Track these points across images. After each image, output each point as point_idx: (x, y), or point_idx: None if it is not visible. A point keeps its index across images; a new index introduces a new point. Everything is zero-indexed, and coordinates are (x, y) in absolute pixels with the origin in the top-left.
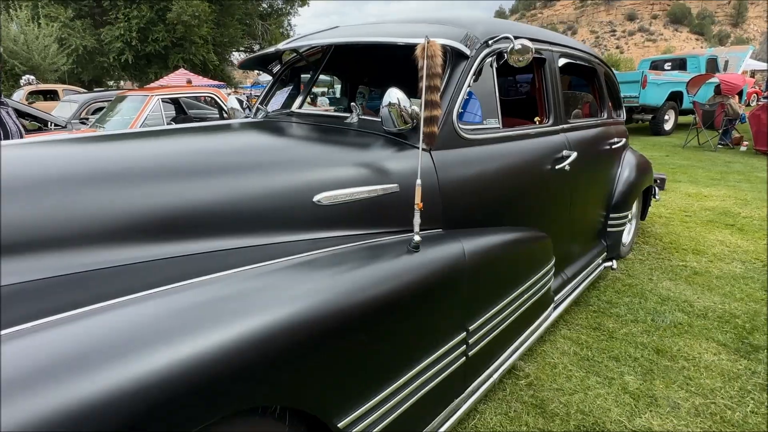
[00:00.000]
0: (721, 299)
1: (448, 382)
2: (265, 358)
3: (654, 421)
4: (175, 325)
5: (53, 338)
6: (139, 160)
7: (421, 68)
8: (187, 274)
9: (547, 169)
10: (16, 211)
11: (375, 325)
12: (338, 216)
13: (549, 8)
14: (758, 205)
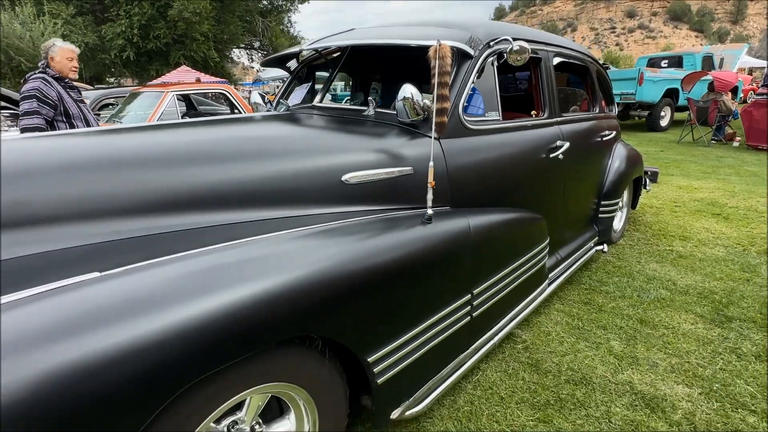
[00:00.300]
0: (702, 278)
1: (455, 337)
2: (310, 299)
3: (635, 377)
4: (243, 271)
5: (164, 273)
6: (205, 144)
7: (433, 67)
8: (247, 234)
9: (542, 157)
10: (120, 182)
11: (395, 280)
12: (362, 193)
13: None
14: (745, 196)
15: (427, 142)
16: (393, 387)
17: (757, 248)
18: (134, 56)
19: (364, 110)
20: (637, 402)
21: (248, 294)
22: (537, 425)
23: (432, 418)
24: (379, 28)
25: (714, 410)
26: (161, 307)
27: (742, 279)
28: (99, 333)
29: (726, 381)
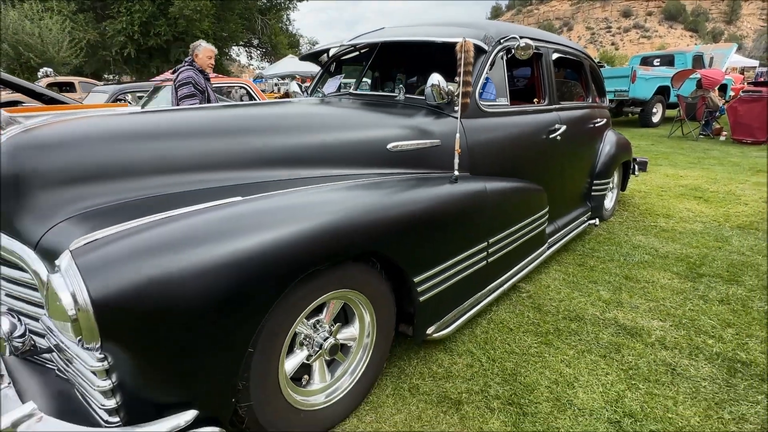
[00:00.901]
0: (681, 246)
1: (474, 276)
2: (375, 226)
3: (619, 315)
4: (328, 204)
5: (281, 202)
6: (289, 118)
7: (459, 60)
8: (322, 183)
9: (543, 138)
10: (214, 146)
11: (431, 221)
12: (402, 159)
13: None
14: (725, 182)
15: (450, 121)
16: (429, 306)
17: (730, 223)
18: (135, 53)
19: (395, 95)
20: (621, 331)
21: (335, 218)
22: (540, 346)
23: (456, 342)
24: (405, 27)
25: (681, 335)
26: (282, 224)
27: (715, 247)
28: (249, 235)
29: (692, 317)
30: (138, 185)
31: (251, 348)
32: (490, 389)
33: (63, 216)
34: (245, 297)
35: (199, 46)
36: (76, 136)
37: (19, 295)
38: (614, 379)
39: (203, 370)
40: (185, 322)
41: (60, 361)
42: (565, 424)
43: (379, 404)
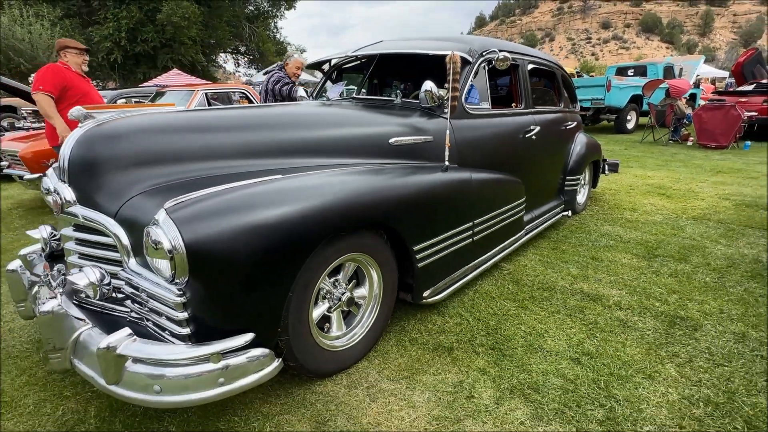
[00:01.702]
0: (642, 234)
1: (462, 251)
2: (383, 201)
3: (584, 286)
4: (347, 183)
5: (311, 181)
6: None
7: (448, 69)
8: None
9: (520, 137)
10: (282, 137)
11: (427, 201)
12: (401, 151)
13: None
14: (687, 181)
15: (441, 121)
16: (426, 273)
17: (687, 215)
18: (122, 59)
19: (393, 99)
20: (585, 298)
21: (353, 194)
22: (517, 309)
23: (447, 307)
24: (400, 41)
25: (634, 300)
26: (314, 196)
27: (671, 234)
28: (290, 203)
29: (645, 287)
30: (190, 168)
31: (291, 292)
32: (476, 339)
33: (134, 192)
34: (289, 250)
35: (291, 57)
36: (141, 128)
37: (98, 255)
38: (577, 331)
39: (258, 304)
40: (248, 264)
41: (133, 304)
42: (536, 361)
43: (385, 351)
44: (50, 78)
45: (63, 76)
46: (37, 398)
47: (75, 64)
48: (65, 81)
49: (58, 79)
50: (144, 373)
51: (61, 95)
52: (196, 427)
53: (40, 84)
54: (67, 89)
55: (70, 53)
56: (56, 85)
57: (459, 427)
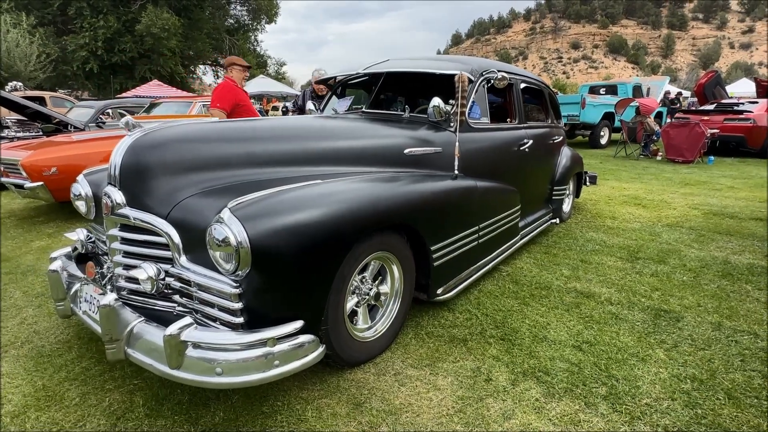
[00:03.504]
0: (623, 239)
1: (469, 253)
2: (405, 204)
3: (577, 285)
4: (375, 188)
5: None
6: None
7: (457, 88)
8: (354, 176)
9: (515, 149)
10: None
11: (440, 206)
12: (414, 161)
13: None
14: (659, 192)
15: (447, 134)
16: (440, 271)
17: (662, 223)
18: (98, 69)
19: (401, 114)
20: (579, 295)
21: (382, 197)
22: (520, 306)
23: (456, 305)
24: (407, 60)
25: (622, 297)
26: (351, 199)
27: (649, 239)
28: (332, 204)
29: (630, 285)
30: (231, 174)
31: (332, 285)
32: (486, 332)
33: (183, 196)
34: (333, 245)
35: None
36: (187, 137)
37: (145, 254)
38: (575, 323)
39: (306, 294)
40: (300, 258)
41: (182, 298)
42: (542, 349)
43: (405, 344)
44: (226, 96)
45: (235, 94)
46: (81, 391)
47: (239, 79)
48: (237, 98)
49: (231, 96)
50: (205, 357)
51: (233, 111)
52: (241, 412)
53: (218, 102)
54: (237, 105)
55: (236, 69)
56: (230, 102)
57: (482, 404)
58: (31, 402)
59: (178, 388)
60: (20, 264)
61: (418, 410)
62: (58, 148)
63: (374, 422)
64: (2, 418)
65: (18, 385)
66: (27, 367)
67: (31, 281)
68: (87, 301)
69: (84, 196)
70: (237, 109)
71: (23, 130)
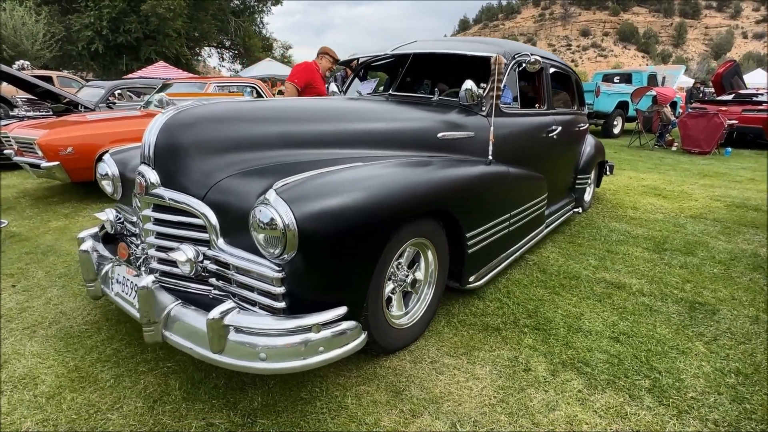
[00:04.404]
0: (647, 230)
1: (500, 240)
2: (442, 190)
3: (606, 275)
4: (414, 173)
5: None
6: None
7: (493, 70)
8: (389, 159)
9: (543, 136)
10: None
11: (475, 190)
12: (448, 145)
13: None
14: (678, 183)
15: (479, 118)
16: (473, 259)
17: (685, 214)
18: (103, 49)
19: (431, 97)
20: (609, 285)
21: (422, 181)
22: (550, 295)
23: (485, 293)
24: (435, 41)
25: (654, 288)
26: (394, 182)
27: (673, 231)
28: (375, 188)
29: (661, 277)
30: (267, 155)
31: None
32: (520, 321)
33: (220, 176)
34: (376, 230)
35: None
36: (224, 116)
37: (179, 235)
38: (609, 314)
39: (351, 279)
40: (346, 242)
41: (218, 281)
42: (579, 340)
43: (438, 331)
44: (302, 73)
45: (312, 75)
46: (114, 373)
47: (323, 67)
48: (312, 78)
49: (307, 75)
50: (248, 342)
51: (305, 89)
52: (280, 398)
53: (296, 78)
54: (310, 85)
55: (325, 58)
56: (304, 80)
57: (523, 395)
58: (65, 383)
59: (213, 372)
60: (39, 244)
61: (459, 399)
62: (75, 128)
63: (416, 410)
64: (37, 399)
65: (50, 366)
66: (57, 348)
67: (52, 261)
68: (119, 283)
69: (111, 176)
70: (308, 89)
71: (33, 110)
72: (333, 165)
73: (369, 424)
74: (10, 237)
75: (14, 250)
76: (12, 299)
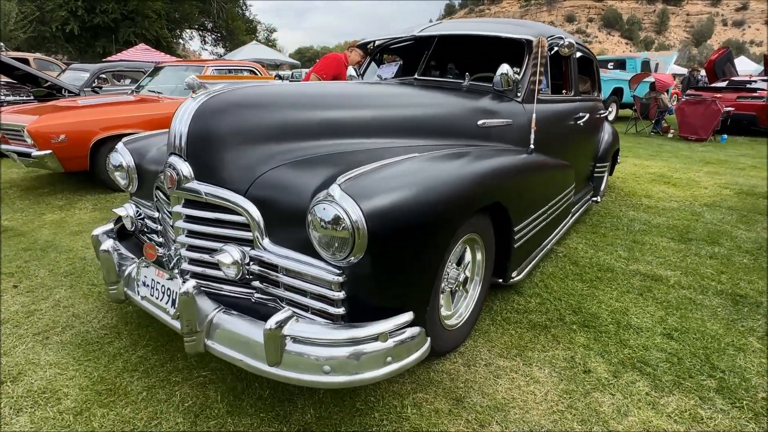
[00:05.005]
0: (666, 219)
1: (539, 232)
2: (495, 182)
3: (639, 267)
4: (471, 165)
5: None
6: (411, 96)
7: (535, 54)
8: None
9: (572, 123)
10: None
11: (523, 184)
12: (487, 134)
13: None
14: (684, 171)
15: (514, 104)
16: (518, 252)
17: (698, 202)
18: (79, 30)
19: (460, 82)
20: (646, 278)
21: (480, 173)
22: (589, 289)
23: (524, 288)
24: (460, 23)
25: (691, 280)
26: (454, 177)
27: (693, 219)
28: (441, 182)
29: (694, 268)
30: (314, 144)
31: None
32: (565, 318)
33: (264, 168)
34: (442, 226)
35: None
36: (264, 100)
37: (215, 234)
38: (654, 309)
39: (417, 282)
40: (414, 240)
41: (261, 283)
42: (631, 337)
43: (485, 331)
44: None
45: (340, 68)
46: (145, 384)
47: (352, 62)
48: (339, 72)
49: (335, 68)
50: (310, 353)
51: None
52: (334, 409)
53: (323, 70)
54: (336, 79)
55: (354, 51)
56: (332, 73)
57: (589, 399)
58: (91, 396)
59: (256, 381)
60: (37, 239)
61: (525, 406)
62: (67, 114)
63: (483, 420)
64: (63, 416)
65: (72, 377)
66: (76, 356)
67: (54, 258)
68: (147, 286)
69: (125, 167)
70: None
71: (12, 94)
72: (385, 156)
73: None
74: (3, 231)
75: (10, 246)
76: (16, 301)
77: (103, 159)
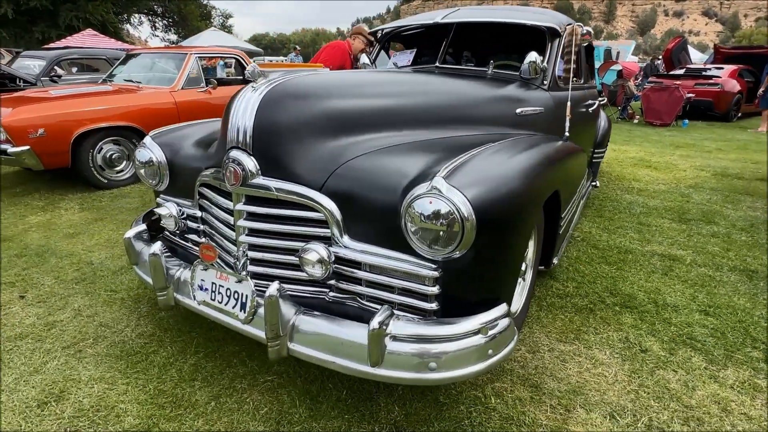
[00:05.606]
0: (660, 202)
1: (570, 216)
2: (553, 172)
3: (655, 248)
4: (536, 154)
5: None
6: (462, 87)
7: (568, 42)
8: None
9: (584, 110)
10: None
11: (567, 171)
12: (525, 122)
13: None
14: (660, 155)
15: (541, 92)
16: (559, 239)
17: (683, 185)
18: (12, 14)
19: (485, 70)
20: (664, 258)
21: (549, 163)
22: (617, 271)
23: (557, 273)
24: (477, 10)
25: (703, 259)
26: (533, 167)
27: (683, 201)
28: (524, 173)
29: (702, 247)
30: (378, 136)
31: None
32: (606, 300)
33: (340, 161)
34: (529, 217)
35: None
36: (337, 88)
37: (286, 232)
38: (682, 287)
39: (509, 272)
40: (512, 232)
41: (339, 282)
42: (672, 315)
43: (537, 318)
44: (335, 55)
45: (345, 57)
46: (210, 394)
47: (356, 50)
48: (345, 62)
49: (340, 58)
50: (415, 351)
51: None
52: (419, 405)
53: (328, 60)
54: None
55: (358, 39)
56: (338, 63)
57: (656, 377)
58: (154, 411)
59: (329, 382)
60: (27, 244)
61: (599, 388)
62: (43, 106)
63: (567, 404)
64: None
65: (124, 392)
66: (121, 369)
67: (56, 264)
68: (206, 290)
69: (155, 163)
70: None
71: None
72: (455, 146)
73: (528, 424)
74: None
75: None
76: (29, 313)
77: (85, 154)
